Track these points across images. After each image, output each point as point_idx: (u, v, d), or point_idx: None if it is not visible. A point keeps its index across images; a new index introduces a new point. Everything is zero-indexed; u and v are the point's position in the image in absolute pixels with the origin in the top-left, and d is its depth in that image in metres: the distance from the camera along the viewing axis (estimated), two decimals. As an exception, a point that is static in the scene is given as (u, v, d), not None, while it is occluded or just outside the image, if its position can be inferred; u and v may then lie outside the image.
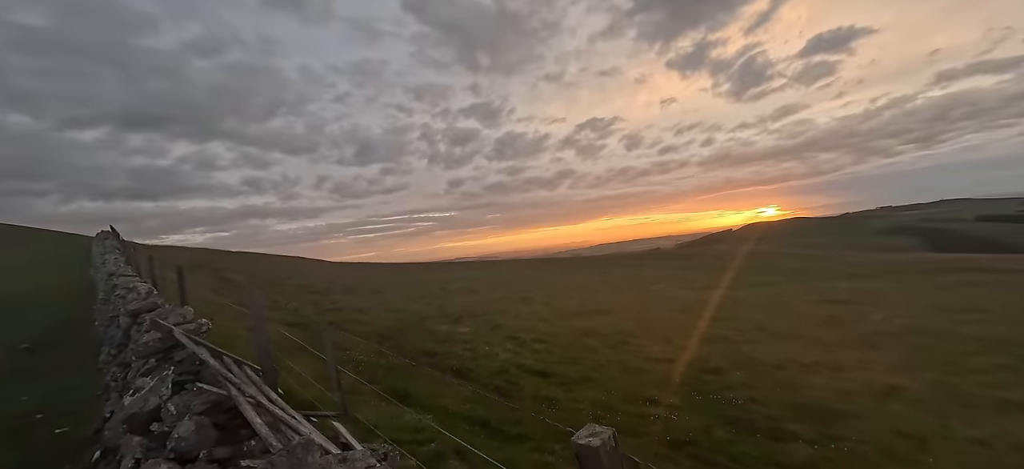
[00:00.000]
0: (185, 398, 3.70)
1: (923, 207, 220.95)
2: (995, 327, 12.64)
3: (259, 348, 4.85)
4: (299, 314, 14.65)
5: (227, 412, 3.73)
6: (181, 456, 3.19)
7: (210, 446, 3.29)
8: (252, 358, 5.32)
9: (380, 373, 8.78)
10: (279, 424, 3.41)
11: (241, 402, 3.50)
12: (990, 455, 5.86)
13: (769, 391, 8.29)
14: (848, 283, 22.32)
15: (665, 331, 13.51)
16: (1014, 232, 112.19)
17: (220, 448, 3.32)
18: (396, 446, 4.75)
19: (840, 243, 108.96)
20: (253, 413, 3.33)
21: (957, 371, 9.40)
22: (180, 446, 3.20)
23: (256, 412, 3.42)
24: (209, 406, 3.67)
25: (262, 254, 43.13)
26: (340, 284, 24.55)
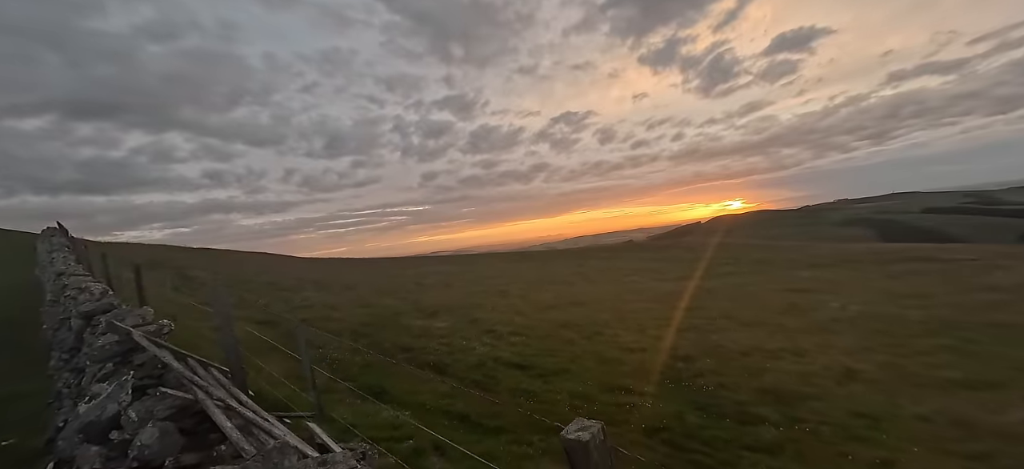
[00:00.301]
0: (147, 403, 3.52)
1: (875, 200, 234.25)
2: (938, 311, 13.58)
3: (226, 348, 4.66)
4: (268, 312, 14.18)
5: (194, 416, 3.57)
6: (145, 464, 3.03)
7: (176, 453, 3.15)
8: (219, 359, 5.11)
9: (355, 370, 8.62)
10: (251, 427, 3.29)
11: (209, 405, 3.36)
12: (933, 430, 6.31)
13: (737, 377, 8.63)
14: (808, 272, 23.46)
15: (639, 321, 13.83)
16: (955, 223, 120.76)
17: (187, 454, 3.17)
18: (374, 444, 4.68)
19: (801, 234, 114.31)
20: (222, 416, 3.20)
21: (905, 353, 10.05)
22: (143, 454, 3.04)
23: (226, 415, 3.29)
24: (174, 411, 3.51)
25: (227, 250, 41.42)
26: (311, 280, 23.89)
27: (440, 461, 4.82)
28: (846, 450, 5.73)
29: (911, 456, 5.51)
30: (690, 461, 5.56)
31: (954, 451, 5.65)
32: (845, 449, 5.76)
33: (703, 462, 5.53)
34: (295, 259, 41.74)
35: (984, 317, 12.54)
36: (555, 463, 5.19)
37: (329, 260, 43.14)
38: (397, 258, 45.07)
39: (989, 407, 7.03)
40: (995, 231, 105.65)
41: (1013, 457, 5.49)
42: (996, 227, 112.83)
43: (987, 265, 21.08)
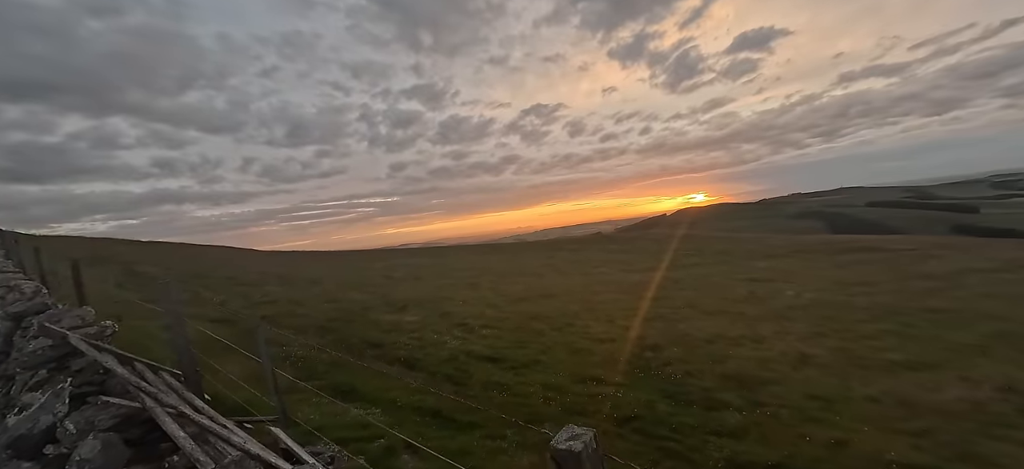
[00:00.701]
0: (87, 413, 3.21)
1: (825, 194, 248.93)
2: (882, 298, 14.55)
3: (178, 350, 4.34)
4: (226, 309, 13.46)
5: (142, 426, 3.30)
6: (84, 481, 2.77)
7: (122, 466, 2.89)
8: (171, 362, 4.76)
9: (321, 369, 8.30)
10: (207, 435, 3.07)
11: (158, 413, 3.10)
12: (881, 410, 6.75)
13: (702, 364, 8.93)
14: (765, 263, 24.61)
15: (608, 312, 14.08)
16: (897, 216, 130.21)
17: (135, 467, 2.92)
18: (342, 446, 4.50)
19: (758, 226, 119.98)
20: (174, 425, 2.96)
21: (853, 338, 10.70)
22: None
23: (178, 424, 3.05)
24: (119, 420, 3.22)
25: (180, 243, 39.07)
26: (273, 275, 22.89)
27: (413, 460, 4.70)
28: (804, 431, 6.03)
29: (862, 436, 5.87)
30: (660, 448, 5.70)
31: (900, 429, 6.07)
32: (803, 430, 6.06)
33: (673, 449, 5.67)
34: (256, 252, 39.92)
35: (921, 303, 13.54)
36: (531, 455, 5.18)
37: (293, 253, 41.49)
38: (365, 251, 43.94)
39: (928, 387, 7.59)
40: (929, 223, 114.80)
41: (951, 433, 5.95)
42: (930, 220, 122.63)
43: (923, 255, 22.79)
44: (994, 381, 7.58)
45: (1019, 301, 12.98)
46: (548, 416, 6.66)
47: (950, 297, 14.06)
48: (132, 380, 3.46)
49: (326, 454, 3.56)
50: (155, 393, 3.30)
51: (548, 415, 6.72)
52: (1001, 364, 8.45)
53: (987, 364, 8.51)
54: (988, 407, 6.65)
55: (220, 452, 2.88)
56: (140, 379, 3.65)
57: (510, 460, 5.08)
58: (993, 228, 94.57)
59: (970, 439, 5.76)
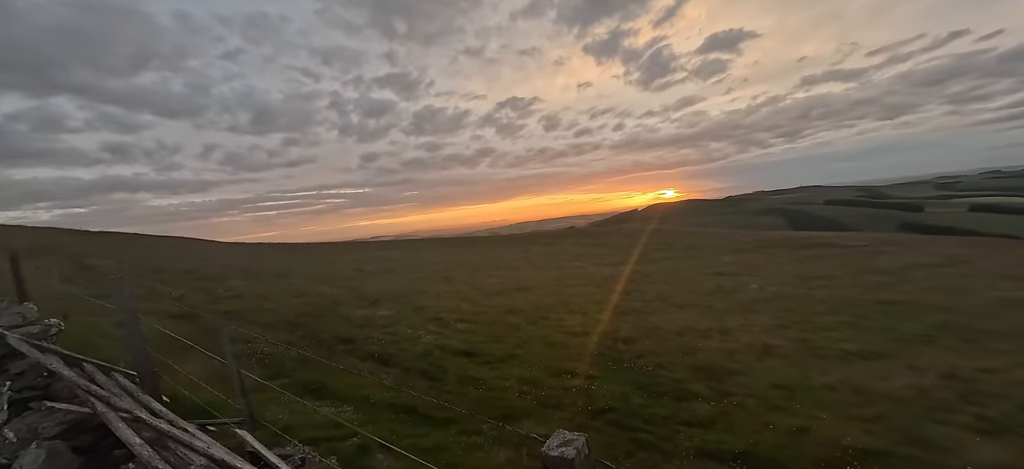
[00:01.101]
0: (30, 420, 2.96)
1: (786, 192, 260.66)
2: (839, 291, 15.36)
3: (133, 349, 4.07)
4: (186, 304, 12.80)
5: (93, 432, 3.07)
6: (26, 494, 2.55)
7: (69, 477, 2.68)
8: (125, 362, 4.47)
9: (290, 366, 8.02)
10: (166, 440, 2.88)
11: (111, 418, 2.89)
12: (838, 397, 7.13)
13: (673, 356, 9.18)
14: (732, 257, 25.52)
15: (582, 305, 14.26)
16: (851, 214, 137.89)
17: (84, 477, 2.72)
18: (313, 447, 4.36)
19: (725, 222, 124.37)
20: (128, 431, 2.76)
21: (812, 329, 11.25)
22: (24, 482, 2.55)
23: (133, 429, 2.85)
24: (66, 427, 2.99)
25: (134, 234, 36.82)
26: (237, 268, 21.95)
27: (387, 459, 4.60)
28: (768, 420, 6.30)
29: (821, 423, 6.18)
30: (634, 439, 5.81)
31: (855, 416, 6.42)
32: (767, 419, 6.32)
33: (646, 440, 5.80)
34: (218, 244, 38.15)
35: (874, 296, 14.38)
36: (508, 451, 5.17)
37: (258, 245, 39.90)
38: (335, 243, 42.77)
39: (879, 375, 8.07)
40: (881, 221, 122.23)
41: (900, 418, 6.34)
42: (881, 217, 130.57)
43: (875, 251, 24.18)
44: (938, 369, 8.13)
45: (959, 294, 13.97)
46: (524, 410, 6.68)
47: (899, 290, 14.98)
48: (81, 383, 3.21)
49: (296, 456, 3.42)
50: (107, 397, 3.08)
51: (524, 409, 6.74)
52: (944, 353, 9.08)
53: (932, 353, 9.12)
54: (933, 393, 7.14)
55: (181, 458, 2.71)
56: (90, 382, 3.40)
57: (487, 456, 5.05)
58: (936, 226, 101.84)
59: (917, 424, 6.16)
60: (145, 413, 3.15)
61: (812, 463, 5.25)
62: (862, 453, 5.41)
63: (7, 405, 3.14)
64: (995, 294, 13.57)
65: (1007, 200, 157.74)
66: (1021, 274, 16.04)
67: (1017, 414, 6.26)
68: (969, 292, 14.04)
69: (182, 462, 2.71)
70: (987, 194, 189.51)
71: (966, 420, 6.16)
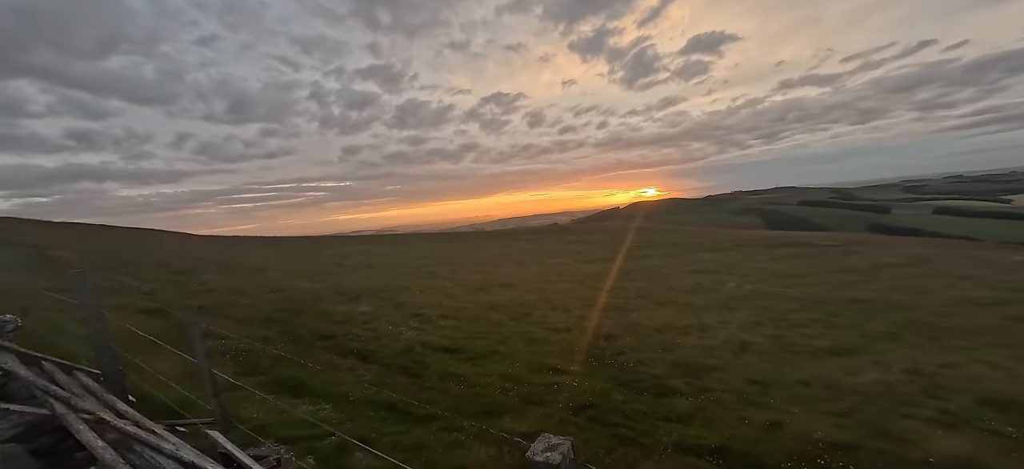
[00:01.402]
0: (-19, 423, 2.79)
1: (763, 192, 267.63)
2: (811, 289, 15.85)
3: (97, 347, 3.88)
4: (156, 299, 12.34)
5: (53, 434, 2.92)
6: (-23, 502, 2.40)
7: (25, 482, 2.54)
8: (88, 360, 4.27)
9: (266, 363, 7.82)
10: (132, 442, 2.75)
11: (72, 420, 2.75)
12: (811, 393, 7.36)
13: (653, 352, 9.31)
14: (710, 255, 26.05)
15: (564, 302, 14.34)
16: (824, 215, 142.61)
17: (42, 482, 2.57)
18: (289, 446, 4.25)
19: (704, 221, 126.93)
20: (90, 434, 2.63)
21: (786, 326, 11.58)
22: (-26, 488, 2.40)
23: (96, 431, 2.71)
24: (23, 430, 2.83)
25: (102, 225, 35.30)
26: (212, 261, 21.28)
27: (366, 457, 4.52)
28: (744, 415, 6.45)
29: (794, 417, 6.37)
30: (614, 435, 5.88)
31: (826, 410, 6.64)
32: (744, 414, 6.48)
33: (626, 435, 5.87)
34: (192, 237, 36.91)
35: (844, 294, 14.89)
36: (489, 448, 5.15)
37: (234, 238, 38.76)
38: (315, 237, 41.90)
39: (849, 370, 8.36)
40: (851, 221, 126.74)
41: (868, 412, 6.59)
42: (851, 218, 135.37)
43: (845, 250, 25.04)
44: (903, 365, 8.48)
45: (922, 293, 14.59)
46: (506, 407, 6.67)
47: (867, 289, 15.55)
48: (39, 383, 3.05)
49: (271, 457, 3.32)
50: (67, 397, 2.92)
51: (506, 406, 6.73)
52: (908, 349, 9.47)
53: (897, 349, 9.50)
54: (898, 388, 7.43)
55: (148, 461, 2.60)
56: (49, 381, 3.23)
57: (468, 454, 5.03)
58: (902, 227, 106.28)
59: (884, 417, 6.41)
60: (109, 414, 3.00)
61: (786, 457, 5.40)
62: (832, 446, 5.59)
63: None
64: (954, 293, 14.21)
65: (968, 203, 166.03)
66: (978, 274, 16.85)
67: (975, 408, 6.57)
68: (931, 291, 14.68)
69: (149, 465, 2.59)
70: (950, 197, 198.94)
71: (929, 414, 6.44)
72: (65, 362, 3.70)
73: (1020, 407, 6.51)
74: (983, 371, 8.00)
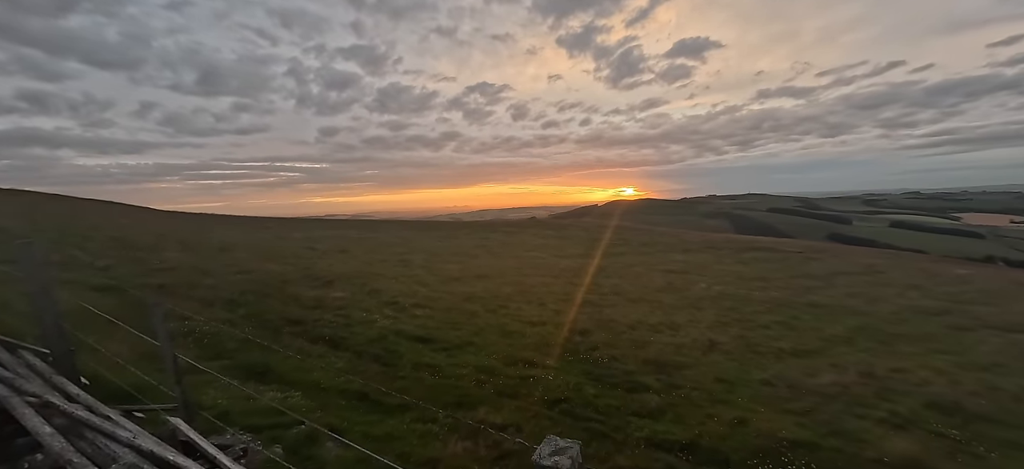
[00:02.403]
0: (-93, 404, 2.53)
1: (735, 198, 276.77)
2: (775, 293, 16.50)
3: (44, 324, 3.60)
4: (111, 276, 11.65)
5: (-10, 418, 2.68)
6: (-100, 491, 2.18)
7: (-42, 470, 2.32)
8: (35, 338, 3.97)
9: (231, 347, 7.51)
10: (82, 429, 2.56)
11: (15, 403, 2.53)
12: (774, 392, 7.67)
13: (626, 349, 9.48)
14: (682, 256, 26.73)
15: (539, 296, 14.41)
16: (790, 222, 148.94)
17: (-22, 470, 2.36)
18: (254, 435, 4.09)
19: (676, 222, 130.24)
20: (37, 419, 2.43)
21: (751, 327, 12.01)
22: (-102, 476, 2.18)
23: (42, 416, 2.51)
24: (-45, 412, 2.58)
25: (53, 194, 33.04)
26: (174, 238, 20.27)
27: (336, 447, 4.40)
28: (712, 412, 6.66)
29: (759, 415, 6.61)
30: (586, 429, 5.95)
31: (788, 410, 6.93)
32: (711, 411, 6.69)
33: (598, 430, 5.95)
34: (152, 211, 35.06)
35: (804, 298, 15.57)
36: (463, 440, 5.11)
37: (199, 215, 37.04)
38: (286, 219, 40.57)
39: (808, 371, 8.75)
40: (813, 229, 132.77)
41: (827, 411, 6.92)
42: (814, 227, 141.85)
43: (807, 257, 26.17)
44: (858, 367, 8.93)
45: (876, 300, 15.41)
46: (481, 399, 6.64)
47: (825, 294, 16.31)
48: (-24, 362, 2.79)
49: (236, 446, 3.17)
50: (11, 379, 2.69)
51: (480, 397, 6.71)
52: (862, 353, 9.99)
53: (852, 353, 10.01)
54: (853, 390, 7.83)
55: (101, 449, 2.42)
56: (-11, 360, 2.97)
57: (443, 446, 4.97)
58: (859, 238, 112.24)
59: (841, 418, 6.74)
60: (58, 397, 2.79)
61: (751, 454, 5.60)
62: (794, 444, 5.84)
63: None
64: (904, 302, 15.09)
65: (922, 219, 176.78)
66: (925, 285, 17.94)
67: (923, 411, 7.00)
68: (883, 299, 15.52)
69: (101, 453, 2.42)
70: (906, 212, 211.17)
71: (881, 415, 6.82)
72: (8, 340, 3.41)
73: (963, 411, 6.98)
74: (929, 376, 8.52)
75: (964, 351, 10.00)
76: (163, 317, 3.46)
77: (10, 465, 2.45)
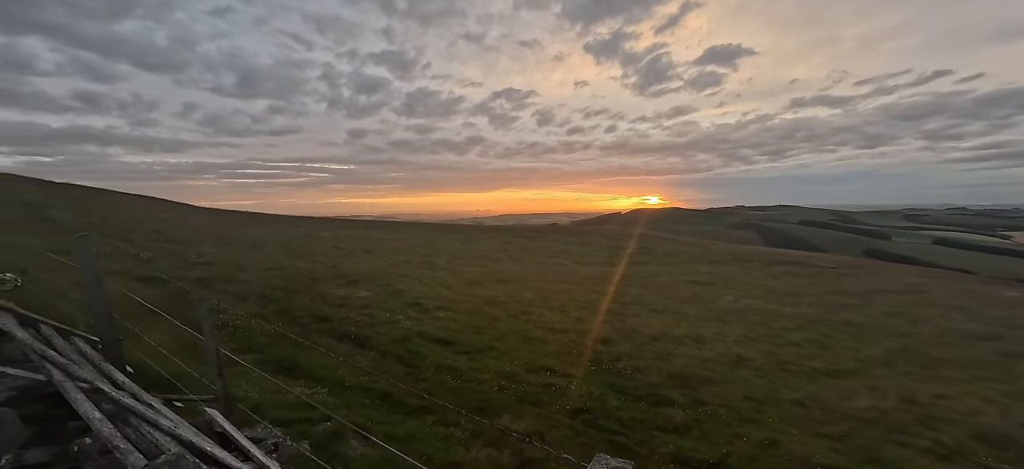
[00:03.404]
0: (-26, 383, 2.72)
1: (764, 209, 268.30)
2: (806, 309, 15.85)
3: (95, 314, 3.80)
4: (154, 268, 12.23)
5: (45, 401, 2.85)
6: (-32, 465, 2.33)
7: (16, 448, 2.47)
8: (84, 324, 4.19)
9: (261, 341, 7.75)
10: (128, 415, 2.69)
11: (69, 389, 2.67)
12: (806, 413, 7.35)
13: (650, 360, 9.29)
14: (707, 267, 26.04)
15: (561, 303, 14.30)
16: (822, 236, 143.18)
17: (34, 450, 2.51)
18: (283, 429, 4.19)
19: (702, 233, 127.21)
20: (87, 404, 2.56)
21: (781, 344, 11.57)
22: (-35, 452, 2.33)
23: (91, 401, 2.64)
24: (15, 394, 2.76)
25: (102, 189, 35.03)
26: (210, 234, 21.15)
27: (361, 446, 4.47)
28: (741, 431, 6.43)
29: (791, 437, 6.35)
30: (610, 442, 5.84)
31: (822, 433, 6.63)
32: (740, 430, 6.46)
33: (622, 443, 5.84)
34: (191, 207, 36.70)
35: (838, 316, 14.90)
36: (487, 446, 5.10)
37: (233, 212, 38.54)
38: (314, 218, 41.73)
39: (843, 393, 8.35)
40: (847, 244, 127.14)
41: (865, 437, 6.58)
42: (849, 242, 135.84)
43: (841, 273, 25.07)
44: (898, 392, 8.47)
45: (917, 321, 14.60)
46: (503, 405, 6.63)
47: (862, 313, 15.56)
48: (35, 346, 2.97)
49: (268, 440, 3.26)
50: (65, 364, 2.85)
51: (502, 403, 6.69)
52: (903, 377, 9.47)
53: (891, 376, 9.50)
54: (892, 415, 7.43)
55: (144, 436, 2.53)
56: (46, 345, 3.15)
57: (465, 451, 4.98)
58: (899, 255, 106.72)
59: (879, 445, 6.40)
60: (107, 384, 2.93)
61: (781, 477, 5.38)
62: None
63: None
64: (948, 324, 14.23)
65: (968, 236, 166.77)
66: (973, 307, 16.88)
67: (971, 442, 6.57)
68: (925, 320, 14.69)
69: (145, 440, 2.52)
70: (950, 229, 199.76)
71: (924, 444, 6.43)
72: (63, 326, 3.62)
73: (1015, 444, 6.51)
74: (977, 405, 8.00)
75: (1015, 380, 9.35)
76: (208, 312, 3.59)
77: (62, 446, 2.58)
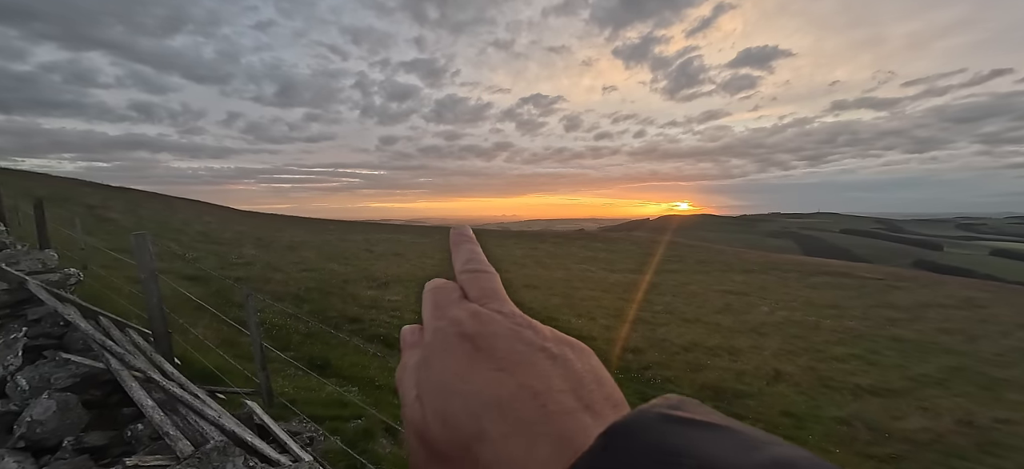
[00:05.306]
0: (43, 369, 2.94)
1: (803, 217, 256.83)
2: (850, 323, 15.02)
3: (149, 308, 4.04)
4: (199, 267, 12.91)
5: (102, 387, 3.04)
6: (35, 445, 2.52)
7: (78, 432, 2.65)
8: (136, 317, 4.46)
9: (296, 339, 8.03)
10: (176, 404, 2.84)
11: (125, 377, 2.85)
12: (851, 433, 6.95)
13: (680, 371, 9.03)
14: (742, 277, 25.11)
15: (589, 310, 14.12)
16: (866, 245, 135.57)
17: (92, 434, 2.68)
18: (317, 424, 4.32)
19: (736, 241, 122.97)
20: (142, 392, 2.72)
21: (822, 359, 11.01)
22: (35, 432, 2.52)
23: (145, 389, 2.81)
24: (78, 380, 2.96)
25: (152, 193, 37.40)
26: (250, 236, 22.15)
27: (391, 444, 4.55)
28: (777, 448, 6.13)
29: (834, 457, 6.01)
30: (638, 453, 5.69)
31: (870, 454, 6.25)
32: (776, 447, 6.16)
33: (651, 454, 5.68)
34: (232, 211, 38.61)
35: (886, 331, 14.03)
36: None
37: (270, 215, 40.28)
38: (346, 221, 43.05)
39: (893, 413, 7.85)
40: (895, 255, 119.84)
41: (917, 461, 6.16)
42: (896, 251, 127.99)
43: (889, 285, 23.63)
44: (954, 414, 7.89)
45: (974, 338, 13.58)
46: (528, 410, 6.59)
47: (912, 328, 14.61)
48: (96, 337, 3.18)
49: (305, 434, 3.37)
50: (122, 354, 3.04)
51: (528, 409, 6.65)
52: (959, 397, 8.81)
53: (946, 396, 8.86)
54: (948, 439, 6.92)
55: (191, 425, 2.66)
56: (105, 336, 3.37)
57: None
58: (953, 266, 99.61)
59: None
60: (157, 374, 3.11)
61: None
62: (875, 494, 5.25)
63: (21, 351, 3.12)
64: (1010, 342, 13.17)
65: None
66: (1041, 324, 15.56)
67: (1038, 471, 6.04)
68: (984, 337, 13.65)
69: (191, 429, 2.66)
70: (1010, 239, 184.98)
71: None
72: (119, 319, 3.87)
73: (1091, 477, 5.94)
74: (1046, 431, 7.35)
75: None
76: (254, 309, 3.76)
77: (117, 432, 2.75)
